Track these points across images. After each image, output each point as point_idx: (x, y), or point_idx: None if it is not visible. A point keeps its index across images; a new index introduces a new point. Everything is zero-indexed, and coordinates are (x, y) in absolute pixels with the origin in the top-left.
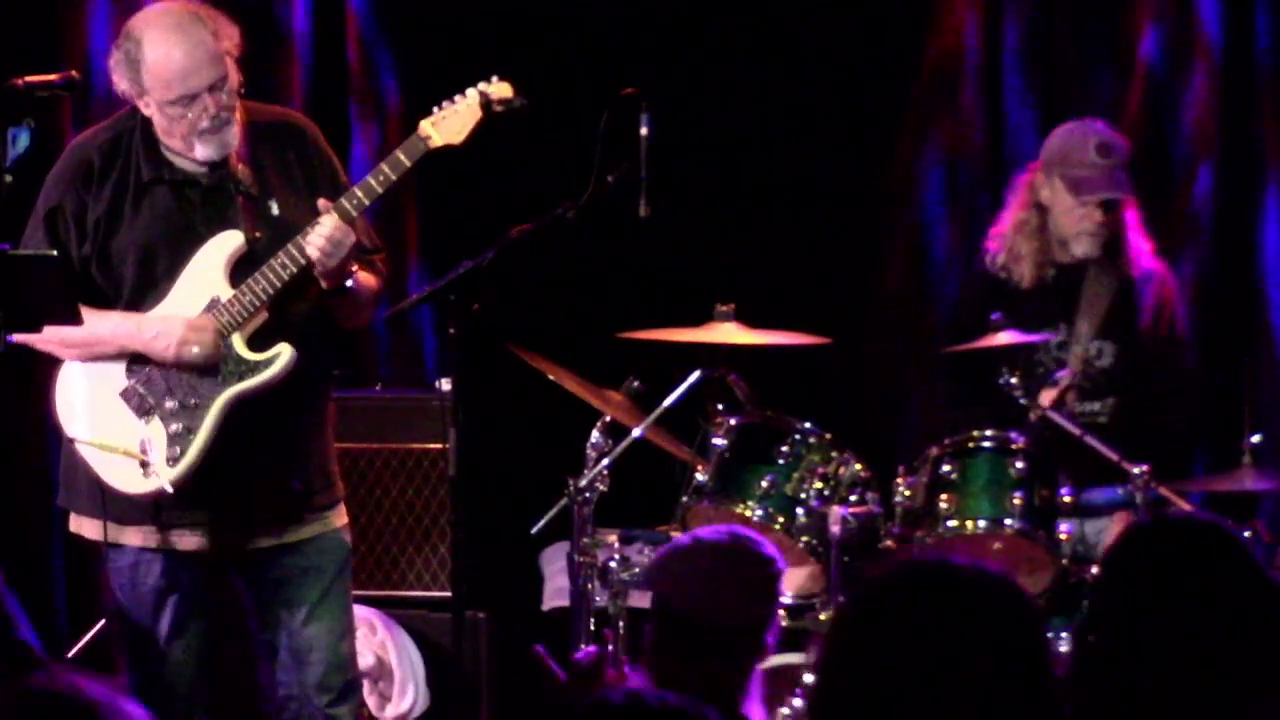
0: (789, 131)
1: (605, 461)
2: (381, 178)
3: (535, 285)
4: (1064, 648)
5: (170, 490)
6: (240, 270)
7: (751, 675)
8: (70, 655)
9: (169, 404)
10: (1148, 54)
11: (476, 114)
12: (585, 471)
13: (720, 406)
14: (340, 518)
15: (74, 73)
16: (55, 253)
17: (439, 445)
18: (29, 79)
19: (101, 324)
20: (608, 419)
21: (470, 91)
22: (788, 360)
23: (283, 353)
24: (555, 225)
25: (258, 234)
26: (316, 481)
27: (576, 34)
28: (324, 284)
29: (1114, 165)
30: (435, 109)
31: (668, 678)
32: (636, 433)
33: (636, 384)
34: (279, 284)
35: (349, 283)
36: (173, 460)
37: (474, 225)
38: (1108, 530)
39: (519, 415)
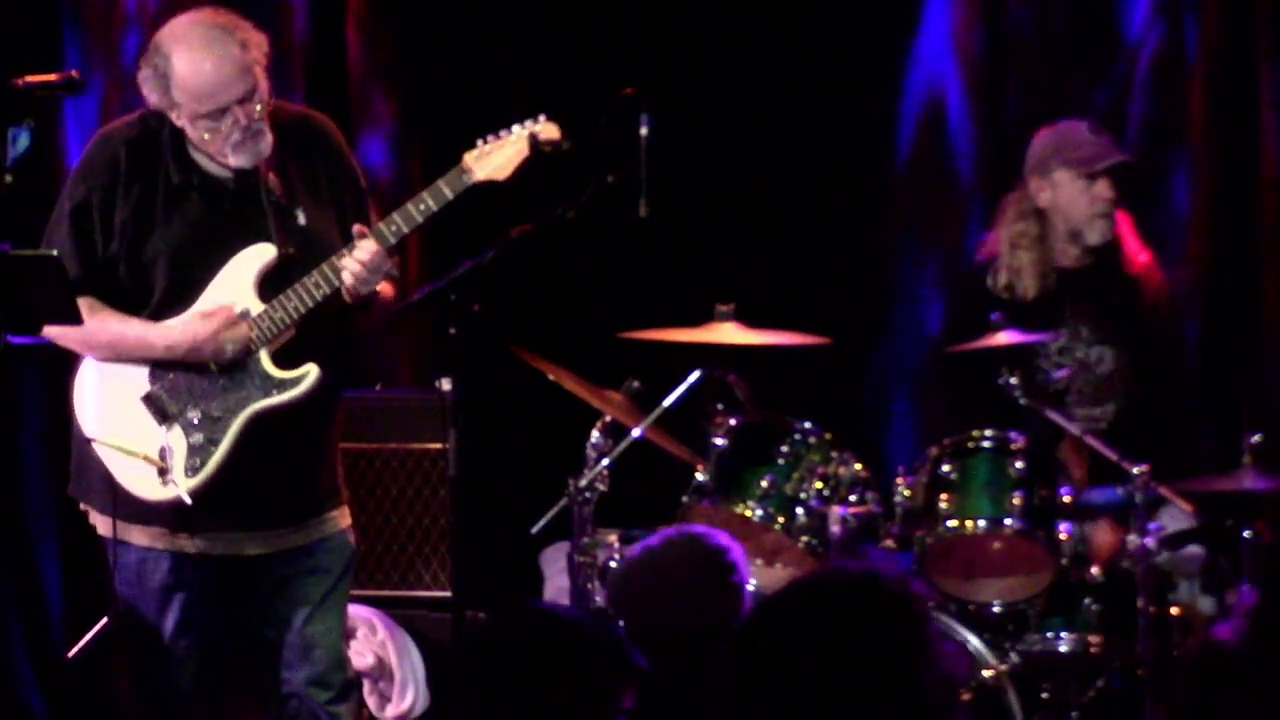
0: (789, 132)
1: (605, 461)
2: (422, 207)
3: (535, 285)
4: (1064, 648)
5: (188, 501)
6: (268, 283)
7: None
8: (70, 654)
9: (191, 414)
10: (1146, 54)
11: (524, 153)
12: (585, 471)
13: (720, 406)
14: (345, 518)
15: (74, 73)
16: (55, 252)
17: (439, 445)
18: (29, 79)
19: (128, 330)
20: (608, 419)
21: (517, 129)
22: (788, 360)
23: (310, 373)
24: (555, 225)
25: (290, 249)
26: (325, 485)
27: (576, 34)
28: (349, 300)
29: (1110, 140)
30: (480, 142)
31: (648, 692)
32: (636, 433)
33: (636, 384)
34: (311, 304)
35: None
36: (192, 470)
37: (474, 225)
38: (1096, 532)
39: (519, 415)
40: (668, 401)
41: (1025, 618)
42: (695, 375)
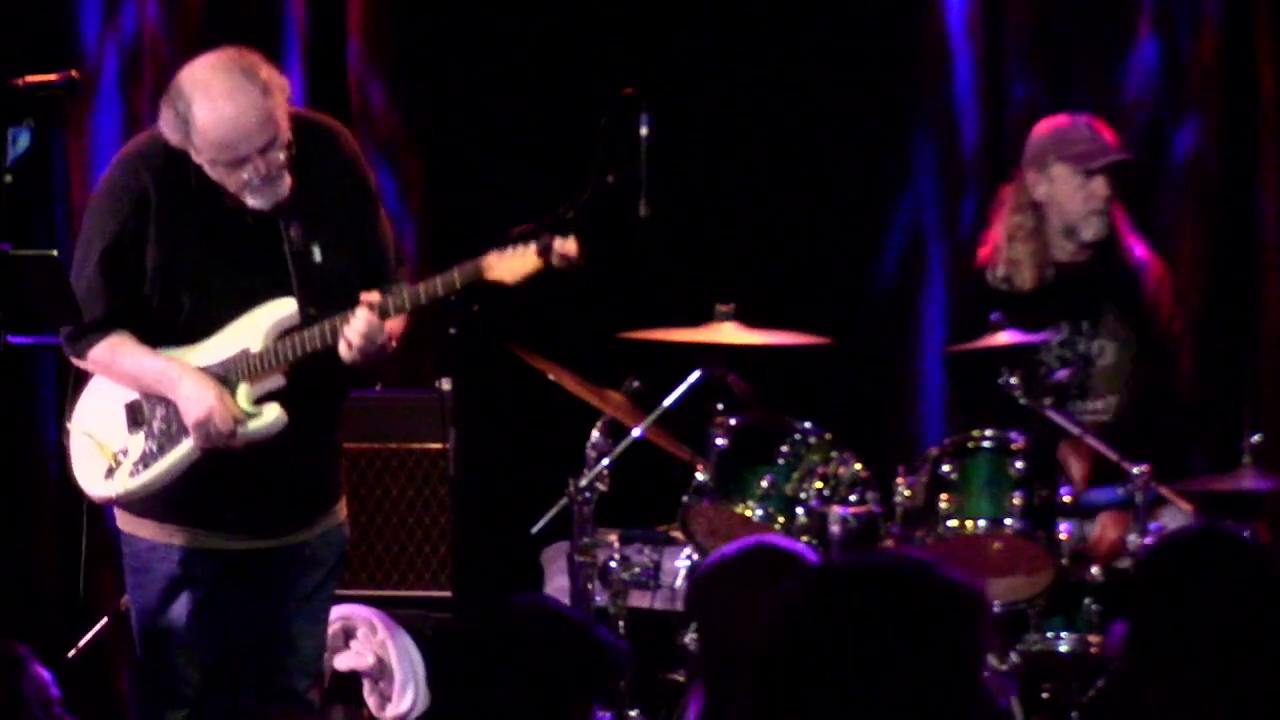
0: (788, 131)
1: (605, 461)
2: (431, 290)
3: (535, 285)
4: (1064, 648)
5: (115, 500)
6: (284, 335)
7: None
8: (70, 655)
9: (156, 423)
10: (1146, 50)
11: (535, 263)
12: (585, 471)
13: (720, 406)
14: (342, 511)
15: (74, 72)
16: (55, 252)
17: (439, 445)
18: (29, 79)
19: (150, 361)
20: (608, 419)
21: (536, 241)
22: (788, 360)
23: (268, 412)
24: (555, 225)
25: (312, 310)
26: (331, 485)
27: (576, 34)
28: (350, 366)
29: (1109, 137)
30: (510, 245)
31: (722, 700)
32: (636, 433)
33: (636, 384)
34: (300, 354)
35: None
36: (134, 472)
37: (474, 225)
38: (1095, 530)
39: (519, 415)
40: (668, 401)
41: (1025, 618)
42: (695, 375)
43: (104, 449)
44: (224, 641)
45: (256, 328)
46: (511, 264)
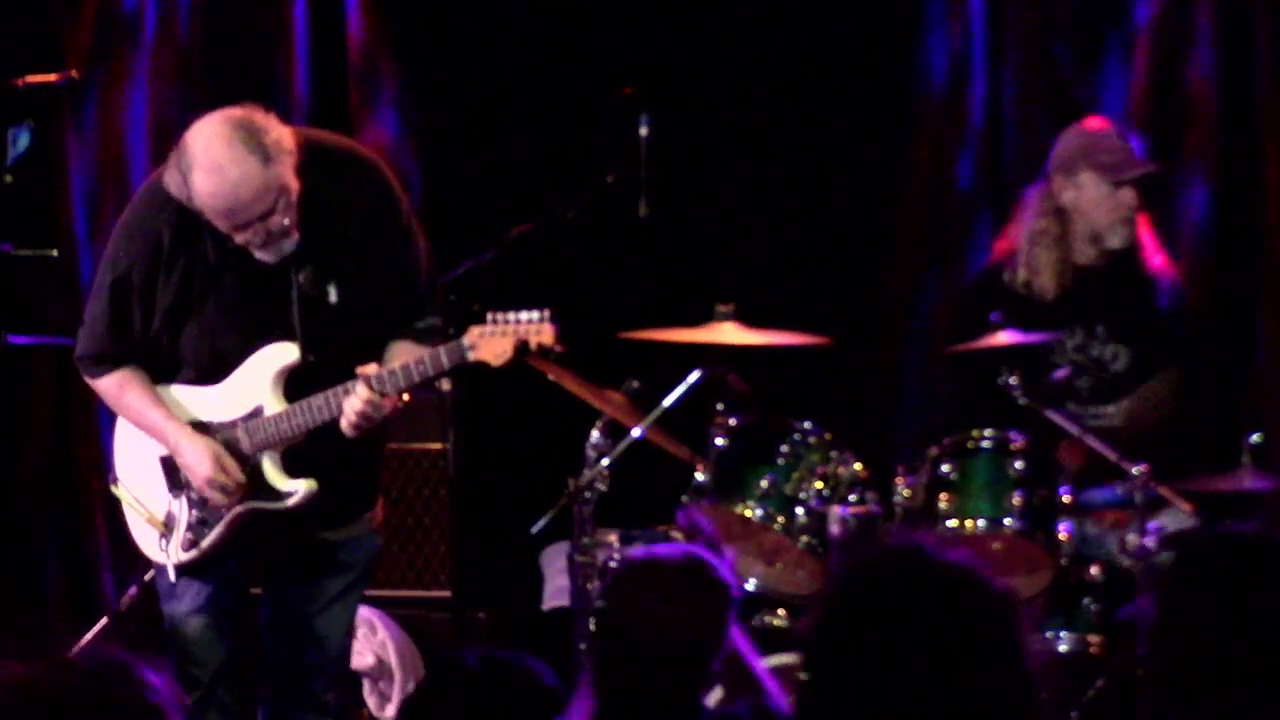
0: (789, 132)
1: (605, 461)
2: (421, 368)
3: (535, 285)
4: (1063, 648)
5: (173, 577)
6: (291, 379)
7: (698, 702)
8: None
9: (194, 491)
10: (1147, 52)
11: (509, 352)
12: (585, 471)
13: (720, 406)
14: (378, 516)
15: (74, 72)
16: (55, 252)
17: (439, 445)
18: (29, 79)
19: (154, 415)
20: (608, 419)
21: (520, 321)
22: (788, 360)
23: (300, 489)
24: (555, 225)
25: (311, 357)
26: (367, 491)
27: (576, 34)
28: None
29: (1136, 147)
30: (490, 317)
31: (611, 695)
32: (636, 433)
33: (636, 384)
34: (313, 425)
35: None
36: (188, 545)
37: (474, 225)
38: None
39: (519, 415)
40: (668, 401)
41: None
42: (695, 375)
43: (153, 518)
44: (241, 632)
45: (262, 377)
46: (493, 347)
